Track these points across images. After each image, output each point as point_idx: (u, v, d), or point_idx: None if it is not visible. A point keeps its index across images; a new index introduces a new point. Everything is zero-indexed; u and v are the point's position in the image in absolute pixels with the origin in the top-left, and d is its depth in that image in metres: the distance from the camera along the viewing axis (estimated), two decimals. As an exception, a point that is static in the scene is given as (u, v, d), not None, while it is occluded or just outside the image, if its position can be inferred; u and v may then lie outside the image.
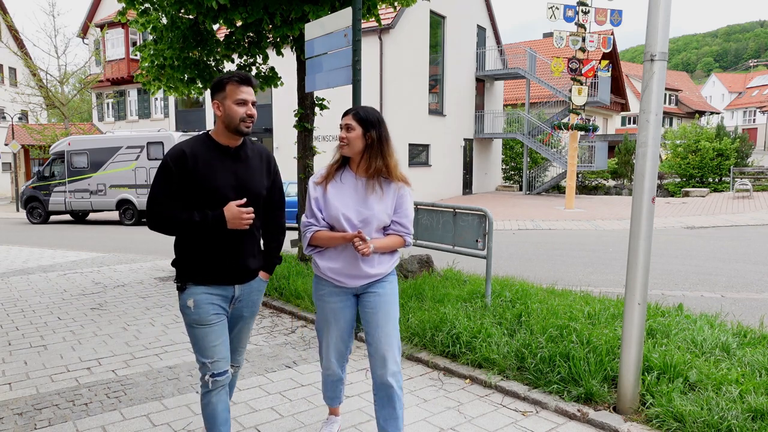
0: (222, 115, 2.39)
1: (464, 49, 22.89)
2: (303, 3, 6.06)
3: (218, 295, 2.47)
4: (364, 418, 3.21)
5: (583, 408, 3.17)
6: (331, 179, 2.58)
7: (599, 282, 6.94)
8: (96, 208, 17.27)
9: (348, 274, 2.59)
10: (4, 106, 31.51)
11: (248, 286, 2.57)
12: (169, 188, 2.35)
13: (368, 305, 2.64)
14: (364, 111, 2.56)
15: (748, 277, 7.17)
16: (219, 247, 2.43)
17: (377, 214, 2.52)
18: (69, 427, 3.13)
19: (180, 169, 2.34)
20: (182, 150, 2.36)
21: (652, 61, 2.92)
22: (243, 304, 2.59)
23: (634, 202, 3.04)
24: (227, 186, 2.40)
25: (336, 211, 2.52)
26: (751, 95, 59.71)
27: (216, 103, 2.40)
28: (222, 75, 2.41)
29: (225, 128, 2.40)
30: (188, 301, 2.43)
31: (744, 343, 3.84)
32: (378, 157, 2.52)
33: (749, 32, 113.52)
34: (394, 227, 2.60)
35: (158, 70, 7.16)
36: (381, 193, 2.54)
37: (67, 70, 28.62)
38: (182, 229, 2.38)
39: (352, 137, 2.52)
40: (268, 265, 2.65)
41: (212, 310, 2.45)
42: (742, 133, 26.61)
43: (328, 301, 2.66)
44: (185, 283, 2.45)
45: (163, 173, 2.35)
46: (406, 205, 2.60)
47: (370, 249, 2.41)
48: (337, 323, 2.67)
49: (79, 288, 6.98)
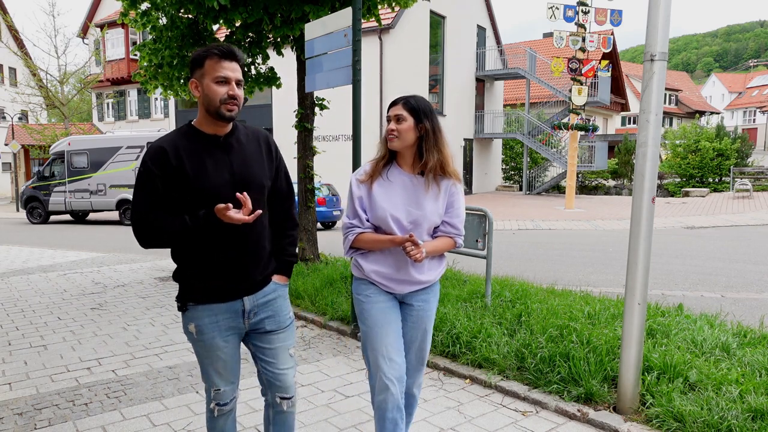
0: (200, 96, 2.01)
1: (464, 49, 22.89)
2: (303, 3, 6.07)
3: (225, 313, 2.10)
4: (364, 418, 3.21)
5: (583, 408, 3.17)
6: (378, 177, 2.33)
7: (599, 282, 6.93)
8: (96, 208, 17.28)
9: (396, 279, 2.34)
10: (4, 106, 31.52)
11: (261, 294, 2.17)
12: (153, 195, 1.98)
13: (410, 317, 2.41)
14: (415, 100, 2.31)
15: (748, 277, 7.17)
16: (218, 254, 2.05)
17: (429, 214, 2.29)
18: (69, 427, 3.13)
19: (162, 170, 1.96)
20: (160, 147, 1.98)
21: (652, 61, 2.92)
22: (262, 316, 2.17)
23: (634, 202, 3.04)
24: (222, 182, 2.01)
25: (383, 212, 2.27)
26: (751, 95, 59.70)
27: (194, 82, 2.02)
28: (199, 49, 2.03)
29: (206, 113, 2.03)
30: (189, 326, 2.11)
31: (744, 343, 3.83)
32: (433, 151, 2.27)
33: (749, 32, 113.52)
34: (444, 228, 2.37)
35: (156, 69, 7.16)
36: (435, 191, 2.30)
37: (67, 70, 28.67)
38: (177, 239, 2.01)
39: (404, 129, 2.26)
40: (284, 266, 2.26)
41: (218, 335, 2.10)
42: (742, 133, 26.61)
43: (378, 300, 2.36)
44: (185, 303, 2.10)
45: (143, 179, 1.98)
46: (458, 203, 2.37)
47: (423, 254, 2.18)
48: (390, 325, 2.35)
49: (79, 288, 6.98)
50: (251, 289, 2.14)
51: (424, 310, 2.41)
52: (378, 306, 2.36)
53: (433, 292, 2.45)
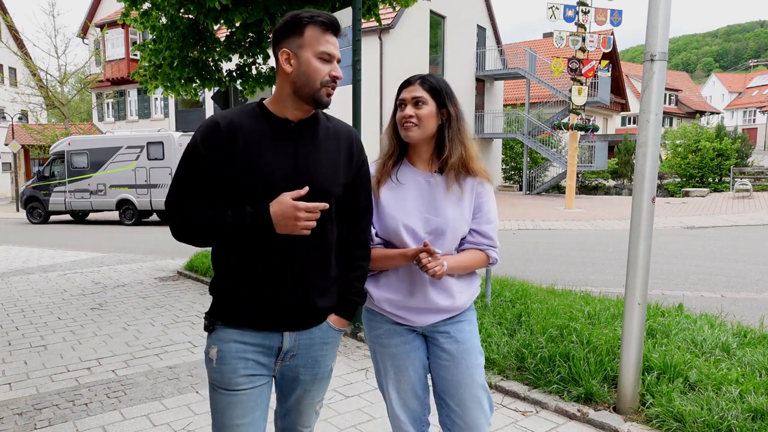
0: (294, 71, 1.58)
1: (464, 49, 22.89)
2: (303, 3, 6.07)
3: (256, 346, 1.64)
4: (364, 418, 3.21)
5: (583, 408, 3.17)
6: (386, 179, 1.89)
7: (599, 282, 6.93)
8: (96, 208, 17.28)
9: (413, 309, 1.88)
10: (4, 106, 31.52)
11: (307, 335, 1.69)
12: (194, 178, 1.60)
13: (442, 355, 1.92)
14: (435, 78, 1.87)
15: (748, 277, 7.17)
16: (262, 268, 1.61)
17: (452, 221, 1.84)
18: (69, 427, 3.13)
19: (211, 149, 1.57)
20: (215, 122, 1.59)
21: (652, 61, 2.92)
22: (299, 361, 1.70)
23: (634, 202, 3.04)
24: (280, 176, 1.58)
25: (394, 222, 1.84)
26: (751, 95, 59.71)
27: (286, 52, 1.58)
28: (296, 12, 1.60)
29: (294, 93, 1.60)
30: (211, 350, 1.66)
31: (744, 343, 3.83)
32: (456, 143, 1.85)
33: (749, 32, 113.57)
34: (473, 238, 1.90)
35: (156, 69, 7.17)
36: (458, 192, 1.86)
37: (67, 70, 28.64)
38: (209, 234, 1.60)
39: (425, 114, 1.82)
40: (346, 306, 1.75)
41: (242, 369, 1.63)
42: (742, 133, 26.60)
43: (388, 345, 1.94)
44: (213, 322, 1.68)
45: (188, 157, 1.61)
46: (488, 206, 1.91)
47: (443, 267, 1.73)
48: (404, 374, 1.94)
49: (79, 288, 6.98)
50: (297, 324, 1.67)
51: (458, 342, 1.91)
52: (389, 351, 1.94)
53: (467, 321, 1.96)
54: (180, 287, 6.99)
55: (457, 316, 1.93)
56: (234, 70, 7.40)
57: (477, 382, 1.92)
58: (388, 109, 18.69)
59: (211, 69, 7.35)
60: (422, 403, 2.00)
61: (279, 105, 1.64)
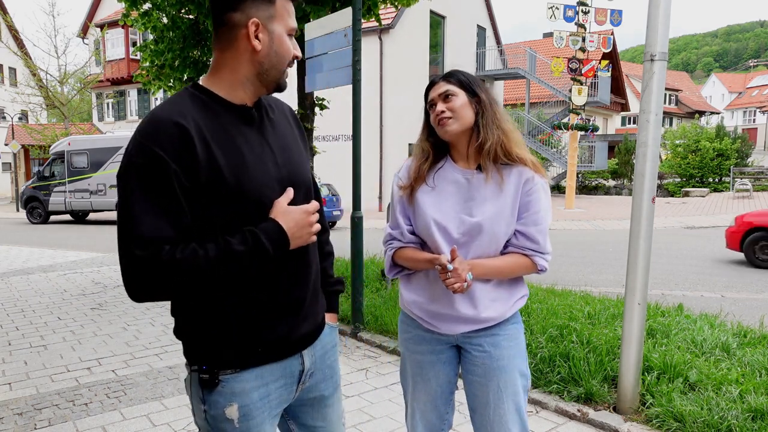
0: (264, 49, 1.26)
1: (464, 49, 22.88)
2: (304, 3, 6.07)
3: (278, 381, 1.35)
4: (364, 418, 3.21)
5: (583, 408, 3.17)
6: (420, 184, 1.76)
7: (599, 282, 6.93)
8: (96, 208, 17.28)
9: (437, 314, 1.74)
10: (4, 106, 31.52)
11: (319, 345, 1.45)
12: (168, 206, 1.16)
13: (473, 369, 1.77)
14: (459, 72, 1.77)
15: (748, 277, 7.17)
16: (270, 288, 1.29)
17: (489, 222, 1.66)
18: (69, 427, 3.12)
19: (182, 161, 1.16)
20: (176, 123, 1.17)
21: (652, 61, 2.92)
22: (318, 377, 1.46)
23: (634, 202, 3.04)
24: (267, 181, 1.27)
25: (426, 221, 1.71)
26: (751, 95, 59.71)
27: (256, 23, 1.23)
28: None
29: (258, 75, 1.28)
30: (227, 408, 1.27)
31: (744, 343, 3.84)
32: (493, 128, 1.69)
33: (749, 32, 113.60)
34: (517, 241, 1.70)
35: (158, 70, 7.18)
36: (498, 187, 1.67)
37: (67, 70, 28.67)
38: (209, 277, 1.18)
39: (458, 105, 1.69)
40: (331, 300, 1.55)
41: (268, 419, 1.34)
42: (742, 133, 26.60)
43: (414, 351, 1.83)
44: (217, 372, 1.27)
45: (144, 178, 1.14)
46: (538, 204, 1.69)
47: (463, 283, 1.58)
48: (426, 384, 1.82)
49: (79, 288, 6.98)
50: (310, 337, 1.41)
51: (491, 357, 1.72)
52: (415, 358, 1.83)
53: (506, 335, 1.74)
54: (180, 287, 6.98)
55: (492, 329, 1.73)
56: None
57: (509, 405, 1.73)
58: (388, 109, 18.71)
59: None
60: (441, 417, 1.87)
61: (232, 89, 1.28)
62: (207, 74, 1.31)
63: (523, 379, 1.77)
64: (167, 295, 1.22)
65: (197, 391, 1.30)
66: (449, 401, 1.88)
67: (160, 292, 1.19)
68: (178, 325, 1.32)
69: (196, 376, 1.29)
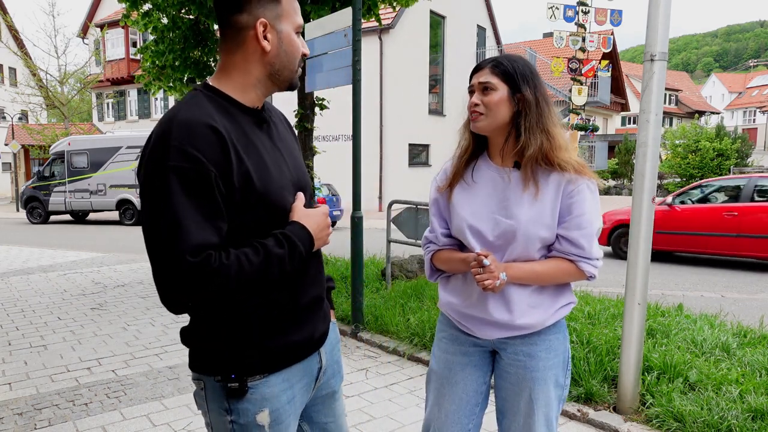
0: (273, 50, 1.25)
1: (464, 49, 22.89)
2: (304, 3, 6.07)
3: (301, 381, 1.36)
4: (364, 418, 3.21)
5: (583, 408, 3.17)
6: (458, 180, 1.69)
7: (599, 282, 6.93)
8: (96, 208, 17.29)
9: (472, 317, 1.67)
10: (4, 106, 31.53)
11: (329, 341, 1.48)
12: (209, 210, 1.14)
13: (506, 375, 1.69)
14: (510, 60, 1.61)
15: (747, 277, 7.17)
16: (291, 289, 1.31)
17: (525, 224, 1.57)
18: (69, 427, 3.12)
19: (219, 165, 1.14)
20: (209, 125, 1.15)
21: (652, 61, 2.92)
22: (329, 372, 1.48)
23: (634, 202, 3.04)
24: (285, 182, 1.29)
25: (460, 222, 1.65)
26: (751, 95, 59.74)
27: (264, 23, 1.22)
28: None
29: (269, 76, 1.28)
30: (259, 415, 1.27)
31: (744, 343, 3.84)
32: (536, 132, 1.56)
33: (749, 32, 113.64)
34: (560, 246, 1.60)
35: (159, 70, 7.18)
36: (535, 190, 1.57)
37: (67, 70, 28.66)
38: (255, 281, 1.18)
39: (493, 101, 1.58)
40: (329, 298, 1.55)
41: (293, 421, 1.35)
42: (742, 133, 26.61)
43: (446, 350, 1.76)
44: (245, 379, 1.25)
45: (186, 183, 1.11)
46: (581, 208, 1.58)
47: (496, 281, 1.52)
48: (453, 388, 1.72)
49: (79, 288, 6.98)
50: (326, 335, 1.44)
51: (525, 367, 1.64)
52: (445, 357, 1.75)
53: (545, 345, 1.64)
54: (180, 287, 6.98)
55: (530, 337, 1.63)
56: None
57: (539, 417, 1.63)
58: (388, 110, 18.72)
59: (212, 69, 7.36)
60: (462, 426, 1.73)
61: (244, 91, 1.27)
62: (215, 76, 1.28)
63: (558, 390, 1.67)
64: (211, 302, 1.21)
65: (219, 402, 1.27)
66: (473, 415, 1.74)
67: (206, 299, 1.17)
68: (196, 335, 1.28)
69: (219, 386, 1.25)
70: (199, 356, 1.29)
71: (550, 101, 1.63)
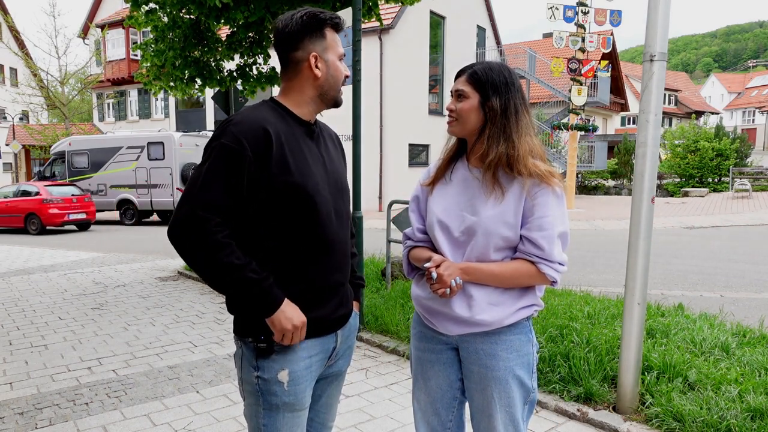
0: (323, 76, 1.58)
1: (464, 50, 22.89)
2: (304, 2, 6.08)
3: (318, 355, 1.61)
4: (364, 418, 3.22)
5: (583, 408, 3.18)
6: (441, 177, 1.78)
7: (599, 282, 6.94)
8: (97, 208, 17.28)
9: (435, 311, 1.72)
10: (5, 106, 31.53)
11: (348, 327, 1.71)
12: (235, 187, 1.46)
13: (470, 375, 1.73)
14: (486, 69, 1.67)
15: (747, 277, 7.18)
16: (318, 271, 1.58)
17: (485, 222, 1.62)
18: (70, 426, 3.13)
19: (260, 156, 1.46)
20: (263, 128, 1.48)
21: (652, 61, 2.93)
22: (340, 354, 1.71)
23: (633, 202, 3.05)
24: (320, 180, 1.58)
25: (431, 217, 1.73)
26: (750, 95, 59.73)
27: (315, 56, 1.56)
28: (311, 11, 1.57)
29: (319, 96, 1.61)
30: (280, 373, 1.53)
31: (743, 343, 3.84)
32: (499, 140, 1.64)
33: (748, 32, 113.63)
34: (523, 246, 1.65)
35: (159, 69, 7.17)
36: (500, 192, 1.64)
37: (68, 70, 28.66)
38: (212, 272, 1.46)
39: (464, 109, 1.67)
40: (357, 292, 1.82)
41: (308, 389, 1.60)
42: (742, 134, 26.61)
43: (416, 347, 1.84)
44: (273, 342, 1.52)
45: (227, 161, 1.45)
46: (542, 211, 1.63)
47: (447, 289, 1.60)
48: (426, 383, 1.80)
49: (79, 288, 6.99)
50: (344, 318, 1.68)
51: (486, 368, 1.67)
52: (416, 355, 1.84)
53: (506, 345, 1.67)
54: (180, 287, 6.99)
55: (490, 336, 1.67)
56: (234, 70, 7.42)
57: (502, 415, 1.67)
58: (388, 110, 18.71)
59: (212, 69, 7.36)
60: (443, 424, 1.80)
61: (299, 107, 1.60)
62: (279, 94, 1.64)
63: (523, 391, 1.69)
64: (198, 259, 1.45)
65: (250, 359, 1.54)
66: (452, 407, 1.79)
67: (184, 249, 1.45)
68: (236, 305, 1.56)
69: (252, 346, 1.53)
70: (239, 322, 1.57)
71: (524, 111, 1.69)
